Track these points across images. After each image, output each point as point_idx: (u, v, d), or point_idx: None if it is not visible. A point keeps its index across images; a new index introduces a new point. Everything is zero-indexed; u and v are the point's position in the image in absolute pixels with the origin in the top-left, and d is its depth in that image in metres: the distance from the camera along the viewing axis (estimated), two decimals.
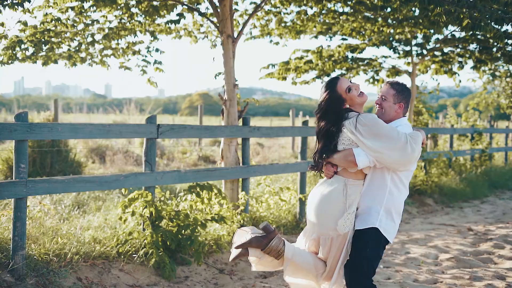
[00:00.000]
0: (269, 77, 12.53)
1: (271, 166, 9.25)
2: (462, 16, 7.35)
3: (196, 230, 7.29)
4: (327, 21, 10.87)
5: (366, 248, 4.63)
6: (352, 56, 12.55)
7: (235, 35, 8.80)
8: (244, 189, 8.74)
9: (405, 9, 9.36)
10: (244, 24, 9.06)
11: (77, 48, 9.86)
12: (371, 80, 14.00)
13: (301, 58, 12.50)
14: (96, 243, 7.12)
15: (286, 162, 14.75)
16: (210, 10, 9.11)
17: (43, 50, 9.53)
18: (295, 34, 11.35)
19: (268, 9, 10.74)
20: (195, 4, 9.49)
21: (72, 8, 8.78)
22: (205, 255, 7.81)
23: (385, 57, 13.62)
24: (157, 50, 10.32)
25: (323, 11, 10.58)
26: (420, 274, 7.64)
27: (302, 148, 9.77)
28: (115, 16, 9.46)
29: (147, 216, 7.19)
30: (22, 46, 9.13)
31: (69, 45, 9.93)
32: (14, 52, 9.19)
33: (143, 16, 9.24)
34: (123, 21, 9.55)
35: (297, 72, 12.33)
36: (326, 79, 13.15)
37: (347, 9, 10.40)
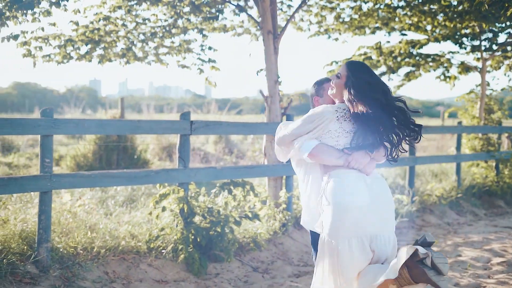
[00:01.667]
0: (331, 74, 12.28)
1: None
2: None
3: (226, 227, 7.24)
4: (384, 15, 10.55)
5: None
6: (417, 52, 12.11)
7: (278, 31, 8.67)
8: (287, 187, 8.61)
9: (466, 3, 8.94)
10: (288, 20, 8.93)
11: (130, 47, 10.02)
12: (442, 77, 13.45)
13: (365, 54, 12.20)
14: (130, 238, 7.20)
15: None
16: (253, 7, 9.04)
17: (97, 49, 9.74)
18: (354, 30, 11.10)
19: (323, 5, 10.55)
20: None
21: (120, 7, 8.94)
22: (242, 252, 7.76)
23: (453, 52, 13.05)
24: (210, 48, 10.34)
25: (379, 6, 10.27)
26: (463, 278, 7.26)
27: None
28: (164, 14, 9.56)
29: (179, 212, 7.20)
30: (75, 46, 9.37)
31: (127, 44, 10.11)
32: (67, 51, 9.44)
33: (188, 13, 9.27)
34: (171, 19, 9.63)
35: None
36: (392, 76, 12.80)
37: (402, 3, 10.07)
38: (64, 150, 14.50)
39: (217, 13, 8.98)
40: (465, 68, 13.17)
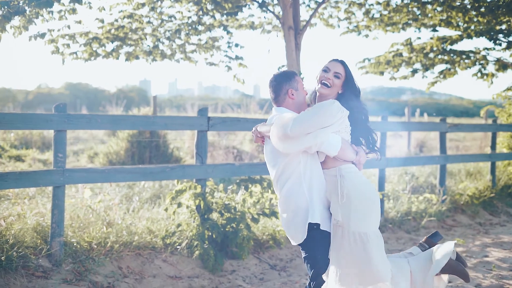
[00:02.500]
0: (361, 70, 12.13)
1: None
2: None
3: (242, 224, 7.18)
4: (414, 10, 10.33)
5: None
6: (450, 49, 11.80)
7: (301, 27, 8.58)
8: None
9: None
10: (311, 16, 8.83)
11: (156, 44, 10.06)
12: (479, 74, 13.08)
13: (397, 50, 11.97)
14: (147, 234, 7.21)
15: None
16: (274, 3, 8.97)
17: (124, 46, 9.81)
18: (385, 27, 10.91)
19: (351, 0, 10.40)
20: None
21: (143, 5, 8.98)
22: (261, 250, 7.70)
23: (488, 49, 12.65)
24: (236, 45, 10.30)
25: (408, 1, 10.06)
26: (485, 279, 7.05)
27: (380, 143, 9.34)
28: (189, 11, 9.57)
29: (195, 208, 7.18)
30: (101, 43, 9.46)
31: (153, 41, 10.16)
32: (93, 49, 9.53)
33: (211, 10, 9.26)
34: (196, 16, 9.63)
35: (390, 66, 11.81)
36: (427, 73, 12.54)
37: None
38: (101, 147, 14.65)
39: (236, 9, 8.94)
40: (502, 65, 12.80)
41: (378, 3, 10.37)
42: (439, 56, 11.86)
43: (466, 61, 12.41)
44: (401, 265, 4.60)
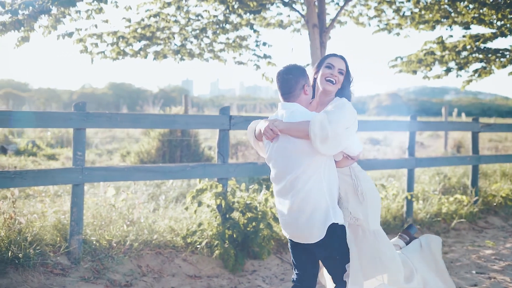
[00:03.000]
0: (394, 68, 11.92)
1: (367, 161, 8.78)
2: None
3: (262, 224, 7.12)
4: (446, 7, 10.10)
5: None
6: (484, 47, 11.50)
7: (324, 25, 8.47)
8: None
9: None
10: (337, 14, 8.72)
11: (183, 43, 10.06)
12: None
13: (430, 48, 11.73)
14: (168, 232, 7.20)
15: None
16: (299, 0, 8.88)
17: (151, 45, 9.83)
18: (416, 25, 10.71)
19: None
20: None
21: (169, 4, 8.98)
22: (283, 250, 7.63)
23: None
24: (264, 44, 10.24)
25: None
26: None
27: (409, 143, 9.18)
28: (215, 9, 9.54)
29: (216, 208, 7.15)
30: (128, 42, 9.50)
31: (181, 40, 10.16)
32: (120, 48, 9.58)
33: (236, 8, 9.21)
34: (222, 15, 9.60)
35: (422, 65, 11.58)
36: (461, 72, 12.27)
37: None
38: (134, 147, 14.73)
39: (260, 8, 8.87)
40: None
41: (408, 1, 10.19)
42: (473, 55, 11.58)
43: (502, 59, 12.09)
44: (403, 259, 4.75)
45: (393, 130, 9.42)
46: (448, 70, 11.79)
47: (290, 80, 4.27)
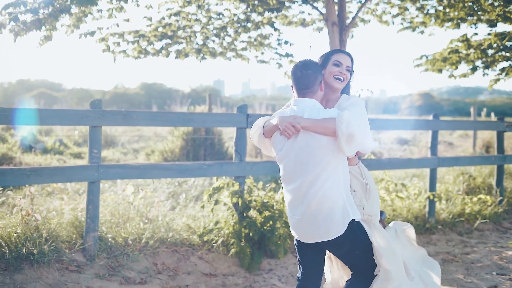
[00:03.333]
0: (418, 67, 11.76)
1: (388, 160, 8.69)
2: None
3: (279, 222, 7.08)
4: (470, 5, 9.92)
5: None
6: (511, 45, 11.26)
7: (344, 23, 8.40)
8: None
9: None
10: (357, 12, 8.64)
11: (204, 42, 10.06)
12: None
13: (455, 46, 11.54)
14: (185, 231, 7.20)
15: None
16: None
17: (172, 44, 9.86)
18: (441, 22, 10.55)
19: None
20: None
21: (189, 2, 8.99)
22: None
23: None
24: (286, 42, 10.20)
25: None
26: None
27: (432, 142, 9.05)
28: (236, 8, 9.53)
29: (233, 206, 7.13)
30: (149, 41, 9.53)
31: (203, 39, 10.17)
32: (142, 46, 9.62)
33: (256, 6, 9.18)
34: (243, 14, 9.58)
35: (447, 63, 11.40)
36: (488, 71, 12.07)
37: None
38: (159, 145, 14.82)
39: (279, 6, 8.83)
40: None
41: None
42: (499, 53, 11.36)
43: None
44: None
45: (413, 129, 9.30)
46: (474, 69, 11.59)
47: (310, 76, 4.21)
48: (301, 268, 4.47)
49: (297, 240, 4.40)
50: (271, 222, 7.05)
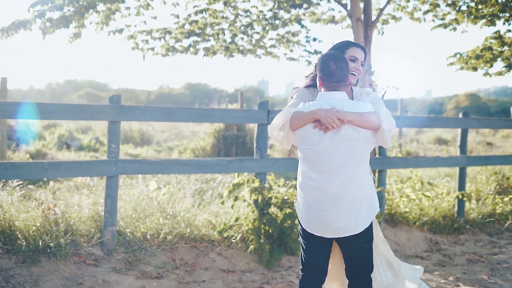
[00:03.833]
0: (451, 65, 11.53)
1: (414, 159, 8.56)
2: None
3: (297, 220, 7.02)
4: (503, 1, 9.68)
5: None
6: None
7: (369, 19, 8.30)
8: (380, 181, 8.19)
9: None
10: (382, 9, 8.53)
11: (232, 39, 10.06)
12: None
13: (490, 43, 11.28)
14: (205, 226, 7.21)
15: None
16: None
17: (200, 42, 9.88)
18: (473, 19, 10.33)
19: None
20: None
21: None
22: None
23: None
24: (314, 39, 10.12)
25: None
26: None
27: (461, 141, 8.89)
28: (264, 5, 9.51)
29: (253, 202, 7.11)
30: (176, 38, 9.58)
31: (232, 36, 10.17)
32: (169, 44, 9.67)
33: (282, 3, 9.14)
34: (269, 11, 9.55)
35: (481, 61, 11.14)
36: None
37: None
38: (191, 143, 14.90)
39: (303, 1, 8.77)
40: None
41: None
42: None
43: None
44: None
45: (442, 127, 9.13)
46: (510, 67, 11.31)
47: (344, 68, 4.16)
48: (306, 270, 4.36)
49: (313, 235, 4.27)
50: (291, 219, 7.00)
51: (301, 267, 4.40)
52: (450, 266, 7.33)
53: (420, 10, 10.42)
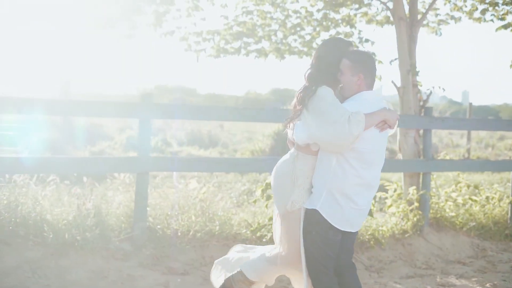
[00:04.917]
0: None
1: (461, 161, 8.31)
2: None
3: None
4: None
5: (312, 231, 4.10)
6: None
7: (415, 18, 8.12)
8: (424, 184, 7.98)
9: None
10: (428, 8, 8.33)
11: (283, 41, 10.04)
12: None
13: None
14: (240, 225, 7.23)
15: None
16: None
17: (251, 43, 9.94)
18: None
19: None
20: None
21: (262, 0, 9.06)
22: (360, 249, 7.39)
23: None
24: (366, 40, 9.97)
25: None
26: None
27: None
28: (312, 5, 9.47)
29: None
30: (225, 39, 9.67)
31: (285, 36, 10.17)
32: (220, 45, 9.76)
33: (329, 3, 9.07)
34: (321, 13, 9.50)
35: None
36: None
37: None
38: (250, 145, 15.01)
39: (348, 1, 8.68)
40: None
41: None
42: None
43: None
44: None
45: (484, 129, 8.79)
46: None
47: (375, 69, 4.31)
48: (328, 267, 4.24)
49: (338, 233, 4.18)
50: None
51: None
52: (491, 273, 7.07)
53: (477, 9, 10.04)
